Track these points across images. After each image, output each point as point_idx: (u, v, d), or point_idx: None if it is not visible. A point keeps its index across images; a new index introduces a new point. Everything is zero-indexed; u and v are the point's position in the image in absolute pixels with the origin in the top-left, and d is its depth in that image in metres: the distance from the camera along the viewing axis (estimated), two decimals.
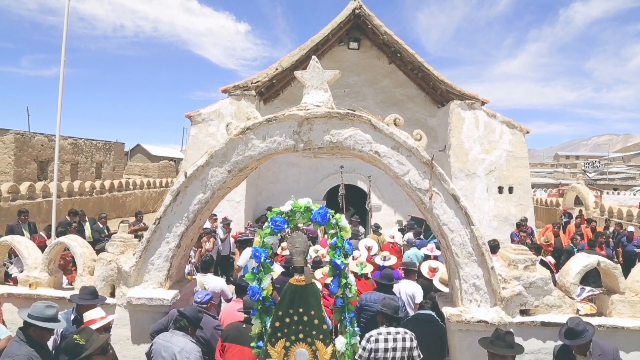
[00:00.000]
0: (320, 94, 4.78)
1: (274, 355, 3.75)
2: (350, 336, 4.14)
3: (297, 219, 4.22)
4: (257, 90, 12.27)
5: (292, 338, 3.75)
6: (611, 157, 59.66)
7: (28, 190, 13.98)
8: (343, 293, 4.20)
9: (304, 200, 4.25)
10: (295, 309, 3.78)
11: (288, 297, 3.81)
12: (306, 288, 3.84)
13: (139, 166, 35.41)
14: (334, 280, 4.22)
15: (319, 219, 4.15)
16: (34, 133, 21.04)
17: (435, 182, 4.57)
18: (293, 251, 4.04)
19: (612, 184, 41.35)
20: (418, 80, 13.78)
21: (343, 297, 4.21)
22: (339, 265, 4.13)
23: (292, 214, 4.20)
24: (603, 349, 3.92)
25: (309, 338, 3.75)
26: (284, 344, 3.75)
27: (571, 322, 3.89)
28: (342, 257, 4.16)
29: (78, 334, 3.22)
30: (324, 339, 3.76)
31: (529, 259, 4.74)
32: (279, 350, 3.74)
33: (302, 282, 3.85)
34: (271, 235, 4.20)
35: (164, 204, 4.88)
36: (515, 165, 12.87)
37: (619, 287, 4.76)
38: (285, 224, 4.18)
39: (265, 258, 4.17)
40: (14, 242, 5.49)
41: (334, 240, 4.21)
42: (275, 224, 4.16)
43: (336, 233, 4.21)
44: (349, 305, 4.24)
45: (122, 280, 4.90)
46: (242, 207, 12.22)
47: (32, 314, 3.53)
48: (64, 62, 8.91)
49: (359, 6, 12.41)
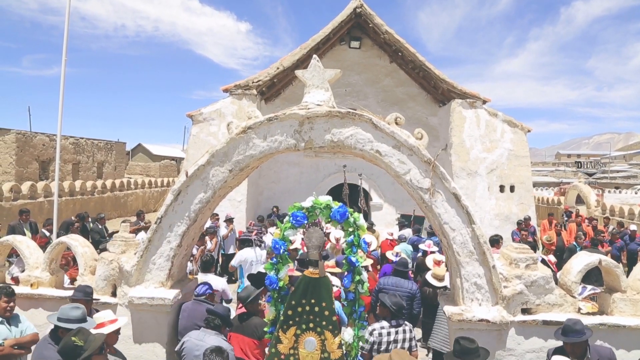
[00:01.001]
0: (321, 93, 4.77)
1: (285, 341, 3.94)
2: (358, 329, 4.35)
3: (317, 215, 4.37)
4: (259, 89, 12.27)
5: (302, 326, 3.95)
6: (613, 156, 59.59)
7: (29, 190, 14.00)
8: (355, 288, 4.40)
9: (325, 198, 4.40)
10: (308, 300, 3.98)
11: (302, 288, 4.01)
12: (319, 280, 4.05)
13: (141, 166, 35.45)
14: (347, 275, 4.40)
15: (338, 217, 4.30)
16: (36, 133, 21.07)
17: (437, 181, 4.56)
18: (309, 245, 4.22)
19: (613, 182, 41.30)
20: (419, 79, 13.77)
21: (355, 292, 4.39)
22: (354, 262, 4.31)
23: (313, 210, 4.35)
24: (600, 353, 3.87)
25: (319, 327, 3.94)
26: (295, 331, 3.95)
27: (569, 320, 3.89)
28: (357, 255, 4.33)
29: (75, 335, 3.14)
30: (333, 330, 3.95)
31: (531, 257, 4.74)
32: (289, 336, 3.94)
33: (316, 275, 4.05)
34: (291, 229, 4.37)
35: (165, 204, 4.88)
36: (516, 164, 12.86)
37: (621, 285, 4.75)
38: (306, 219, 4.34)
39: (284, 250, 4.40)
40: (16, 241, 5.49)
41: (351, 238, 4.37)
42: (296, 218, 4.33)
43: (354, 231, 4.37)
44: (359, 300, 4.43)
45: (124, 279, 4.90)
46: (243, 207, 12.24)
47: (60, 317, 3.61)
48: (65, 62, 8.93)
49: (360, 5, 12.40)
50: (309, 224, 4.43)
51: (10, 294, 4.23)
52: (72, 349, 3.06)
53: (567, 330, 3.82)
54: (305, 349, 3.92)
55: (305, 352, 3.92)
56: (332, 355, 3.91)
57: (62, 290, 5.23)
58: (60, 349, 3.10)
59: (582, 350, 3.80)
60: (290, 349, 3.94)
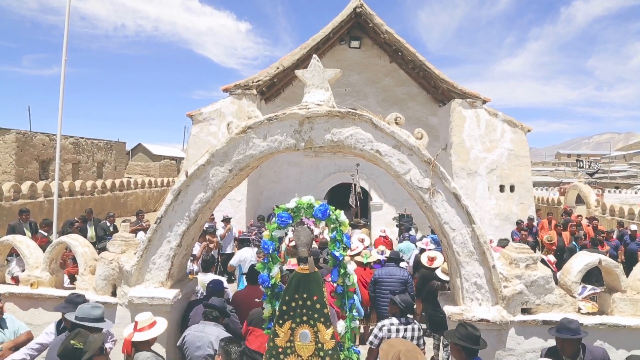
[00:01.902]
0: (321, 92, 4.77)
1: (281, 335, 4.15)
2: (350, 320, 4.60)
3: (301, 215, 4.60)
4: (258, 89, 12.27)
5: (297, 320, 4.14)
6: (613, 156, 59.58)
7: (29, 189, 13.98)
8: (343, 282, 4.60)
9: (307, 198, 4.60)
10: (300, 295, 4.16)
11: (294, 284, 4.19)
12: (309, 276, 4.22)
13: (141, 165, 35.42)
14: (333, 270, 4.62)
15: (320, 214, 4.52)
16: (36, 132, 21.05)
17: (437, 180, 4.56)
18: (298, 243, 4.37)
19: (613, 182, 41.29)
20: (419, 79, 13.76)
21: (343, 285, 4.61)
22: (338, 257, 4.52)
23: (297, 210, 4.58)
24: (593, 353, 3.85)
25: (312, 320, 4.14)
26: (290, 325, 4.16)
27: (565, 319, 3.90)
28: (341, 250, 4.54)
29: (74, 338, 3.11)
30: (325, 322, 4.13)
31: (530, 257, 4.73)
32: (285, 330, 4.15)
33: (306, 271, 4.23)
34: (278, 229, 4.59)
35: (165, 203, 4.88)
36: (516, 163, 12.85)
37: (621, 285, 4.75)
38: (291, 219, 4.58)
39: (274, 250, 4.65)
40: (16, 241, 5.49)
41: (334, 234, 4.55)
42: (282, 219, 4.56)
43: (336, 227, 4.55)
44: (348, 292, 4.65)
45: (124, 279, 4.90)
46: (243, 206, 12.24)
47: (79, 315, 3.68)
48: (65, 62, 8.92)
49: (360, 5, 12.39)
50: (294, 223, 4.64)
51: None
52: (71, 352, 3.04)
53: (561, 327, 3.83)
54: (301, 341, 4.12)
55: (301, 344, 4.12)
56: (325, 345, 4.10)
57: (62, 289, 5.23)
58: (60, 353, 3.06)
59: (574, 349, 3.78)
60: (287, 342, 4.14)
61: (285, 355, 4.14)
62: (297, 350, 4.13)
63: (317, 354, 4.12)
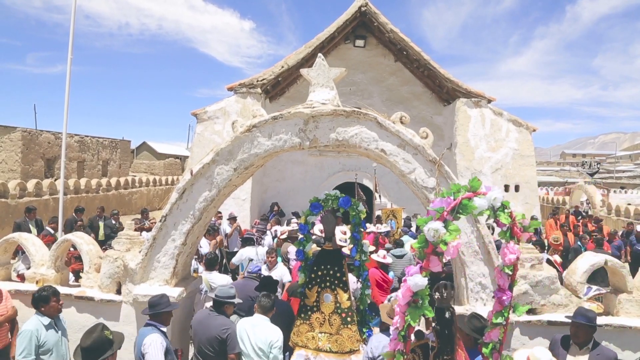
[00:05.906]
0: (326, 91, 4.77)
1: (310, 297, 5.34)
2: (364, 289, 6.07)
3: (329, 204, 5.74)
4: (263, 88, 12.27)
5: (322, 285, 5.34)
6: (618, 156, 59.22)
7: (35, 187, 14.05)
8: (360, 257, 6.11)
9: (334, 192, 5.84)
10: (325, 265, 5.39)
11: (320, 257, 5.50)
12: (332, 252, 5.53)
13: (145, 164, 35.51)
14: (353, 248, 6.05)
15: (343, 203, 5.70)
16: (41, 131, 21.14)
17: (442, 180, 4.55)
18: (325, 228, 5.66)
19: (619, 182, 41.05)
20: (424, 78, 13.73)
21: (360, 260, 6.11)
22: (357, 237, 6.00)
23: (326, 200, 5.74)
24: (603, 350, 3.85)
25: (333, 286, 5.32)
26: (317, 289, 5.35)
27: (582, 307, 3.96)
28: (359, 231, 5.97)
29: (107, 329, 3.38)
30: (343, 287, 5.35)
31: (536, 257, 4.71)
32: (313, 293, 5.35)
33: (330, 247, 5.55)
34: (311, 215, 5.80)
35: (170, 202, 4.89)
36: (521, 163, 12.81)
37: (627, 286, 4.72)
38: (321, 208, 5.75)
39: (307, 231, 5.92)
40: (22, 239, 5.52)
41: (354, 219, 5.87)
42: (315, 207, 5.75)
43: (356, 214, 5.82)
44: (363, 266, 6.16)
45: (128, 277, 4.91)
46: (247, 205, 12.25)
47: (219, 295, 4.38)
48: (71, 60, 8.94)
49: (364, 4, 12.37)
50: (324, 210, 5.79)
51: (58, 292, 4.32)
52: (104, 343, 3.29)
53: (578, 313, 3.87)
54: (324, 301, 5.30)
55: (325, 303, 5.29)
56: (342, 305, 5.27)
57: (67, 287, 5.25)
58: (92, 342, 3.25)
59: (586, 337, 3.81)
60: (314, 302, 5.31)
61: (313, 311, 5.30)
62: (322, 308, 5.29)
63: (336, 311, 5.26)
